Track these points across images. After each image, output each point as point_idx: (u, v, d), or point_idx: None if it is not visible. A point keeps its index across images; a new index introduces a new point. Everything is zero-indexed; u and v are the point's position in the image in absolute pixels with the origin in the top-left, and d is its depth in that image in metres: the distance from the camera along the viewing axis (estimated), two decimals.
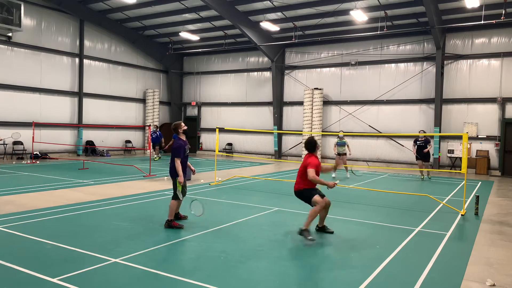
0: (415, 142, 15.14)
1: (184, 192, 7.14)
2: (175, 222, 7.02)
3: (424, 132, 15.58)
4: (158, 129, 20.89)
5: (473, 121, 18.63)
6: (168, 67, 26.72)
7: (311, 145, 6.93)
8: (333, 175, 15.12)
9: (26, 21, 18.86)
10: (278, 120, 23.53)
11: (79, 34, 21.67)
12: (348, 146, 15.87)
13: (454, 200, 10.64)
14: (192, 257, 5.60)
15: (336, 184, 6.80)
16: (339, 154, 15.77)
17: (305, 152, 23.29)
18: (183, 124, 7.44)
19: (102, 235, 6.48)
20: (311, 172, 6.54)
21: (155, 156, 20.29)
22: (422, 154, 14.71)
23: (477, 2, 15.22)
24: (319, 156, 21.74)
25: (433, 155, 18.40)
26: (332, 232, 6.98)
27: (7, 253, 5.41)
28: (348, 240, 6.65)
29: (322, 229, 7.06)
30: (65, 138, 21.16)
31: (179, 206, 7.27)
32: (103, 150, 22.53)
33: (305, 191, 6.77)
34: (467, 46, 18.77)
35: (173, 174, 7.06)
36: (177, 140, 7.20)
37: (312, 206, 6.65)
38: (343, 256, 5.78)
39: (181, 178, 6.95)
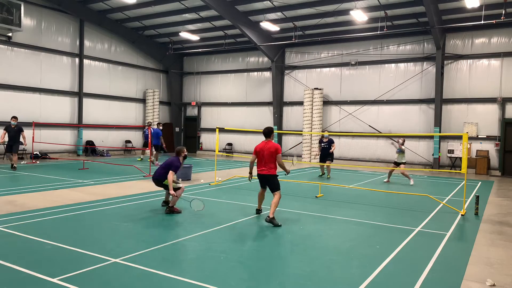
0: (320, 143, 14.94)
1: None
2: (176, 208, 8.06)
3: (328, 131, 15.34)
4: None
5: (473, 121, 18.63)
6: (168, 67, 26.73)
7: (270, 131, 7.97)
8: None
9: (26, 21, 18.86)
10: (278, 120, 23.53)
11: (79, 34, 21.67)
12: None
13: (454, 200, 10.64)
14: (192, 257, 5.60)
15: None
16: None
17: (306, 150, 23.10)
18: (185, 149, 8.58)
19: (102, 235, 6.48)
20: (281, 158, 7.75)
21: (142, 156, 20.11)
22: (324, 155, 14.66)
23: (477, 2, 15.22)
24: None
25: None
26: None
27: (7, 253, 5.41)
28: (348, 240, 6.65)
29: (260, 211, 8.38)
30: (65, 138, 21.16)
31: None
32: (103, 150, 22.53)
33: (276, 178, 7.83)
34: (467, 46, 18.77)
35: (163, 179, 8.27)
36: (177, 160, 8.37)
37: (275, 194, 7.70)
38: (343, 256, 5.78)
39: (172, 191, 8.01)
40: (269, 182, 7.81)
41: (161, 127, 18.51)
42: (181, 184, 8.67)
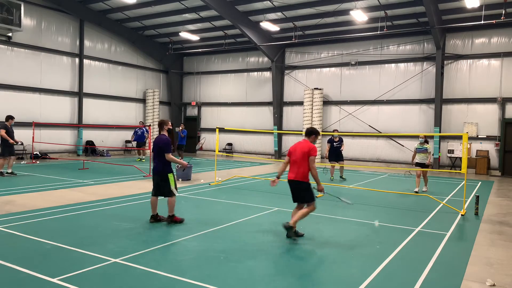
0: (330, 142, 14.57)
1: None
2: (176, 216, 7.29)
3: (338, 131, 15.10)
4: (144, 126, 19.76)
5: (473, 121, 18.63)
6: (168, 67, 26.73)
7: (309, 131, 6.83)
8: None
9: (26, 21, 18.84)
10: (278, 120, 23.53)
11: (79, 34, 21.67)
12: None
13: (454, 200, 10.64)
14: (192, 257, 5.60)
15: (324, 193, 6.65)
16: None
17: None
18: (170, 122, 7.48)
19: (102, 235, 6.48)
20: (314, 163, 6.33)
21: (142, 157, 20.14)
22: (337, 154, 14.51)
23: (477, 2, 15.22)
24: (318, 155, 21.73)
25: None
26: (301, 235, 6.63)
27: (7, 253, 5.41)
28: (348, 240, 6.65)
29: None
30: (65, 138, 21.16)
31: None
32: (103, 150, 22.53)
33: (309, 186, 6.34)
34: (467, 46, 18.77)
35: (164, 171, 7.12)
36: (161, 136, 7.25)
37: (308, 205, 6.49)
38: (343, 256, 5.78)
39: (184, 162, 7.33)
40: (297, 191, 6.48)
41: (180, 128, 19.49)
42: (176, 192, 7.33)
